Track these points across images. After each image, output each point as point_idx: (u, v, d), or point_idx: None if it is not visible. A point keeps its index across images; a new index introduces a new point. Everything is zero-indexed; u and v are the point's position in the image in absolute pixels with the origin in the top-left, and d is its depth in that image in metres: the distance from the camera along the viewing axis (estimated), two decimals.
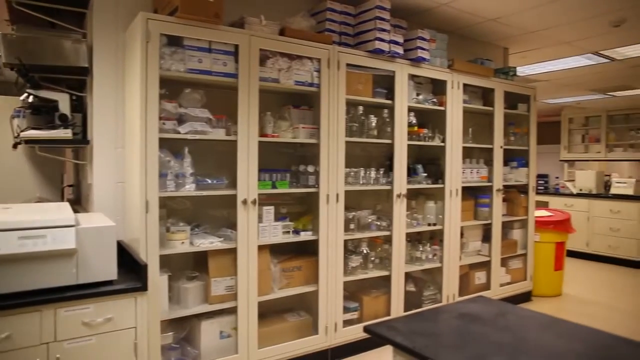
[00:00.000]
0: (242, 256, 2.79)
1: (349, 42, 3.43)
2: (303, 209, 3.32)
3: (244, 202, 2.79)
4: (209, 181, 2.78)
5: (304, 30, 3.12)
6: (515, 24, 4.17)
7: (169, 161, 2.62)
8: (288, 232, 3.06)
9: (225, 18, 2.73)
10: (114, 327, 2.10)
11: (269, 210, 2.95)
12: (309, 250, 3.21)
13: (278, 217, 3.04)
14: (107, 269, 2.12)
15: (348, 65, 3.27)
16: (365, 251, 3.45)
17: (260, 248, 2.88)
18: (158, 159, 2.50)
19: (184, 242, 2.63)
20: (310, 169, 3.13)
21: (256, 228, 2.85)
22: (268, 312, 3.08)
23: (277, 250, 3.09)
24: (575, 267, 6.37)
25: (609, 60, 5.26)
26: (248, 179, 2.81)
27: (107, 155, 2.75)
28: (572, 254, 6.84)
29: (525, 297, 4.81)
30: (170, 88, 2.63)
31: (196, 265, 2.88)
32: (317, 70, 3.12)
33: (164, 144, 2.57)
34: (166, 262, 2.61)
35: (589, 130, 8.29)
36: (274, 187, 2.98)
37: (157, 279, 2.47)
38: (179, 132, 2.62)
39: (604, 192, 7.26)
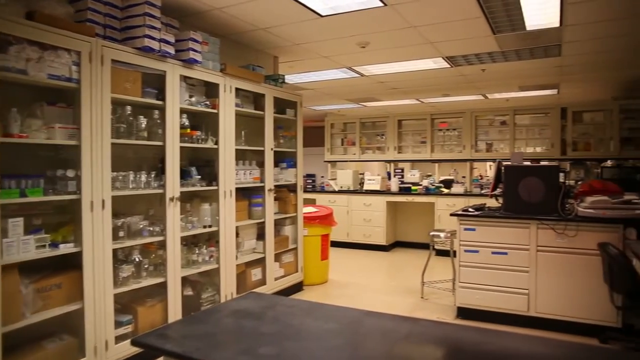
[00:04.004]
0: None
1: (116, 36, 3.19)
2: (64, 219, 2.95)
3: None
4: None
5: (59, 17, 2.78)
6: (283, 35, 4.50)
7: None
8: (44, 245, 2.68)
9: None
10: None
11: (17, 223, 2.54)
12: (71, 264, 2.87)
13: (30, 230, 2.64)
14: None
15: (114, 61, 3.04)
16: (137, 259, 3.26)
17: (6, 268, 2.45)
18: None
19: None
20: (70, 173, 2.80)
21: None
22: (19, 342, 2.63)
23: (29, 269, 2.67)
24: (338, 255, 7.22)
25: (359, 75, 6.12)
26: None
27: None
28: (336, 244, 7.72)
29: (298, 287, 5.24)
30: None
31: None
32: (76, 64, 2.82)
33: None
34: None
35: (347, 135, 9.49)
36: (23, 195, 2.57)
37: None
38: None
39: (359, 188, 8.42)
